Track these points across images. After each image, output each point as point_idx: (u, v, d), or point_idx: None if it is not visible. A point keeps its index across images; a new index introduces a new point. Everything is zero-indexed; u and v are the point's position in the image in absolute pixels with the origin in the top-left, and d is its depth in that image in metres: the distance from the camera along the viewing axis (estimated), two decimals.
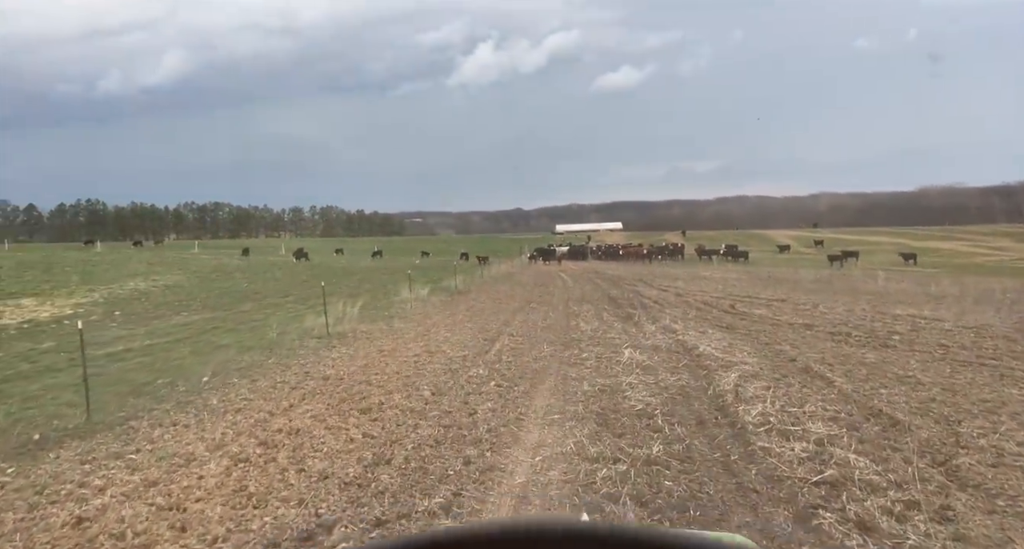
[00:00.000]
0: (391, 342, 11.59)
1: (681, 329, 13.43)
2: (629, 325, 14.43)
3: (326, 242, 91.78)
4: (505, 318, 15.48)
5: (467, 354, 10.10)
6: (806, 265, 47.26)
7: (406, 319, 15.30)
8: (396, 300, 18.92)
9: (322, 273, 31.50)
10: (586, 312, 16.85)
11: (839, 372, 8.81)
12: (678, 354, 10.48)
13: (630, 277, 32.47)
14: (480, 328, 13.42)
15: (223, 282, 25.51)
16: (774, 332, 13.19)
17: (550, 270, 41.70)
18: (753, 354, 10.43)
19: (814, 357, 10.07)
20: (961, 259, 53.47)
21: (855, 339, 12.04)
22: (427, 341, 11.58)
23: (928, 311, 16.63)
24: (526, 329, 13.34)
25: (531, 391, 7.58)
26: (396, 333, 12.83)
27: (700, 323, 14.76)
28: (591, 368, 9.03)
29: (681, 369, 9.13)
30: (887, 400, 7.03)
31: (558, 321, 15.01)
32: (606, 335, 12.58)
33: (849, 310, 17.57)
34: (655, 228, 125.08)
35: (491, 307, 18.13)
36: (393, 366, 9.17)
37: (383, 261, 46.60)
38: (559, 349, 10.78)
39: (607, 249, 58.78)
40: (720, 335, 12.70)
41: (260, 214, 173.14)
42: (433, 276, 30.71)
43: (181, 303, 18.09)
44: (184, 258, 41.62)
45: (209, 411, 6.69)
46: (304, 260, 41.02)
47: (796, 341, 11.93)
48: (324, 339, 11.87)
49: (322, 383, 8.02)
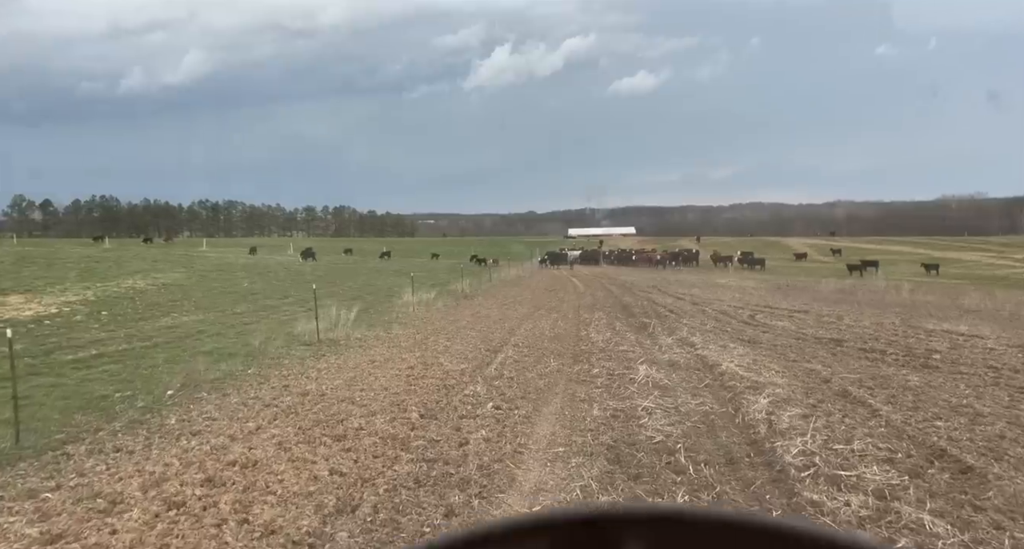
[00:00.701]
0: (385, 351, 10.72)
1: (700, 342, 12.45)
2: (643, 336, 13.46)
3: (337, 242, 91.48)
4: (511, 326, 14.57)
5: (466, 367, 9.19)
6: (825, 274, 45.86)
7: (406, 325, 14.44)
8: (399, 304, 18.08)
9: (327, 274, 30.80)
10: (598, 321, 15.89)
11: (882, 397, 7.80)
12: (699, 372, 9.51)
13: (644, 283, 31.43)
14: (483, 337, 12.51)
15: (224, 281, 24.83)
16: (801, 347, 12.16)
17: (561, 275, 40.76)
18: (781, 373, 9.43)
19: (850, 378, 9.06)
20: (984, 270, 51.73)
21: (891, 357, 10.99)
22: (424, 351, 10.70)
23: (964, 327, 15.48)
24: (532, 339, 12.42)
25: (533, 415, 6.65)
26: (393, 341, 11.96)
27: (719, 335, 13.75)
28: (602, 387, 8.09)
29: (703, 390, 8.16)
30: (947, 436, 6.02)
31: (567, 330, 14.07)
32: (618, 347, 11.62)
33: (878, 323, 16.47)
34: (669, 233, 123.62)
35: (498, 313, 17.23)
36: (382, 380, 8.28)
37: (391, 262, 45.87)
38: (567, 363, 9.85)
39: (620, 254, 57.69)
40: (742, 350, 11.70)
41: (273, 213, 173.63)
42: (440, 278, 29.89)
43: (174, 303, 17.38)
44: (191, 256, 41.17)
45: (162, 434, 5.84)
46: (311, 260, 40.38)
47: (827, 359, 10.90)
48: (313, 347, 11.03)
49: (299, 400, 7.15)
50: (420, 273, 36.41)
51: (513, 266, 44.33)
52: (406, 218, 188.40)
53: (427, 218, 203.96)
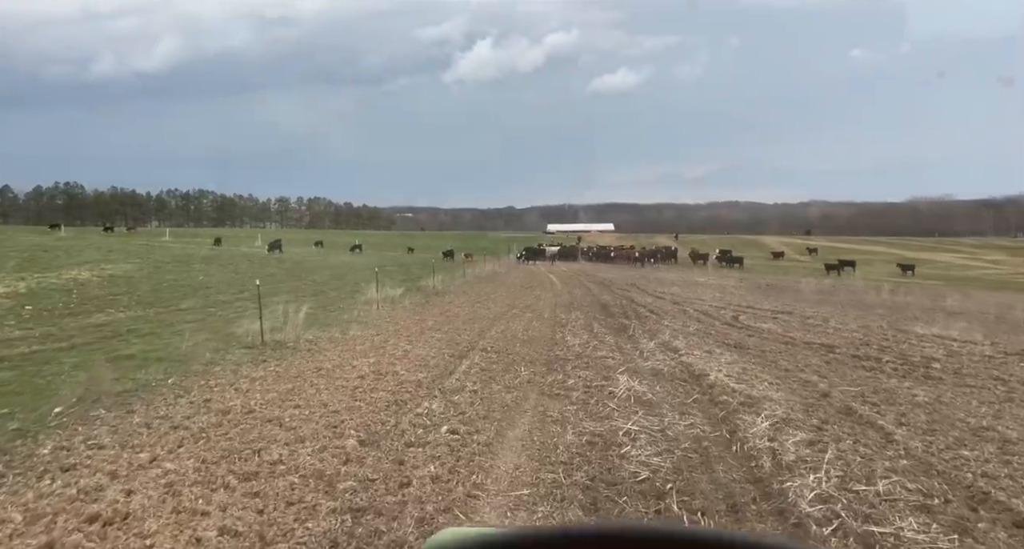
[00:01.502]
0: (336, 356, 9.54)
1: (683, 347, 11.52)
2: (623, 340, 12.49)
3: (310, 234, 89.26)
4: (482, 327, 13.48)
5: (424, 377, 8.08)
6: (803, 274, 45.66)
7: (366, 325, 13.25)
8: (361, 301, 16.84)
9: (291, 267, 29.33)
10: (575, 322, 14.89)
11: (891, 417, 6.91)
12: (685, 383, 8.54)
13: (622, 281, 30.59)
14: (450, 340, 11.40)
15: (178, 273, 23.27)
16: (791, 354, 11.31)
17: (539, 271, 39.78)
18: (775, 385, 8.52)
19: (851, 392, 8.18)
20: (958, 271, 52.20)
21: (889, 367, 10.18)
22: (381, 356, 9.55)
23: (955, 332, 14.84)
24: (504, 342, 11.35)
25: (496, 442, 5.58)
26: (348, 344, 10.78)
27: (704, 339, 12.86)
28: (578, 403, 7.06)
29: (692, 407, 7.18)
30: (981, 471, 5.11)
31: (542, 332, 13.04)
32: (596, 353, 10.62)
33: (865, 327, 15.79)
34: (647, 231, 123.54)
35: (468, 312, 16.12)
36: (324, 394, 7.13)
37: (362, 256, 44.36)
38: (540, 372, 8.80)
39: (599, 251, 56.94)
40: (730, 356, 10.79)
41: (245, 203, 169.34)
42: (413, 273, 28.66)
43: (115, 297, 15.91)
44: (151, 246, 39.21)
45: (23, 469, 4.63)
46: (277, 252, 38.72)
47: (821, 368, 10.04)
48: (255, 350, 9.80)
49: (216, 421, 5.97)
50: (392, 267, 35.07)
51: (490, 262, 43.21)
52: (383, 211, 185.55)
53: (405, 211, 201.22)
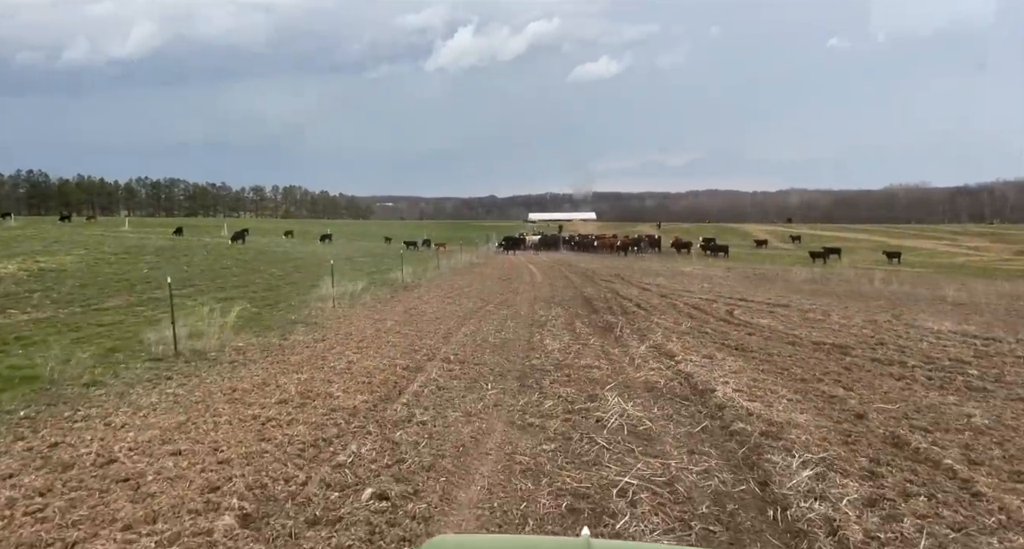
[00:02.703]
0: (262, 371, 7.80)
1: (679, 351, 9.97)
2: (610, 342, 10.90)
3: (284, 223, 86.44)
4: (449, 327, 11.80)
5: (364, 402, 6.39)
6: (789, 262, 44.63)
7: (314, 327, 11.49)
8: (315, 297, 15.02)
9: (252, 258, 27.27)
10: (555, 320, 13.28)
11: (956, 452, 5.39)
12: (688, 403, 6.97)
13: (606, 271, 29.06)
14: (408, 346, 9.70)
15: (122, 266, 21.16)
16: (802, 358, 9.82)
17: (518, 261, 38.12)
18: (797, 403, 6.99)
19: (889, 411, 6.69)
20: (942, 258, 51.65)
21: (921, 374, 8.72)
22: (317, 371, 7.82)
23: (972, 327, 13.55)
24: (472, 348, 9.69)
25: (439, 516, 3.92)
26: (283, 353, 9.03)
27: (700, 339, 11.33)
28: (557, 438, 5.43)
29: (702, 441, 5.60)
30: None
31: (517, 334, 11.40)
32: (580, 361, 9.01)
33: (871, 321, 14.42)
34: (629, 219, 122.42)
35: (436, 309, 14.41)
36: (223, 430, 5.41)
37: (332, 246, 42.24)
38: (511, 390, 7.16)
39: (581, 240, 55.41)
40: (734, 362, 9.27)
41: (218, 192, 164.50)
42: (384, 265, 26.81)
43: (28, 296, 13.91)
44: (105, 236, 36.67)
45: None
46: (240, 243, 36.49)
47: (842, 376, 8.55)
48: (164, 363, 8.00)
49: (45, 482, 4.23)
50: (362, 258, 33.15)
51: (468, 251, 41.42)
52: (361, 200, 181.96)
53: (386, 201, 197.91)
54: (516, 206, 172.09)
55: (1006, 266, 44.38)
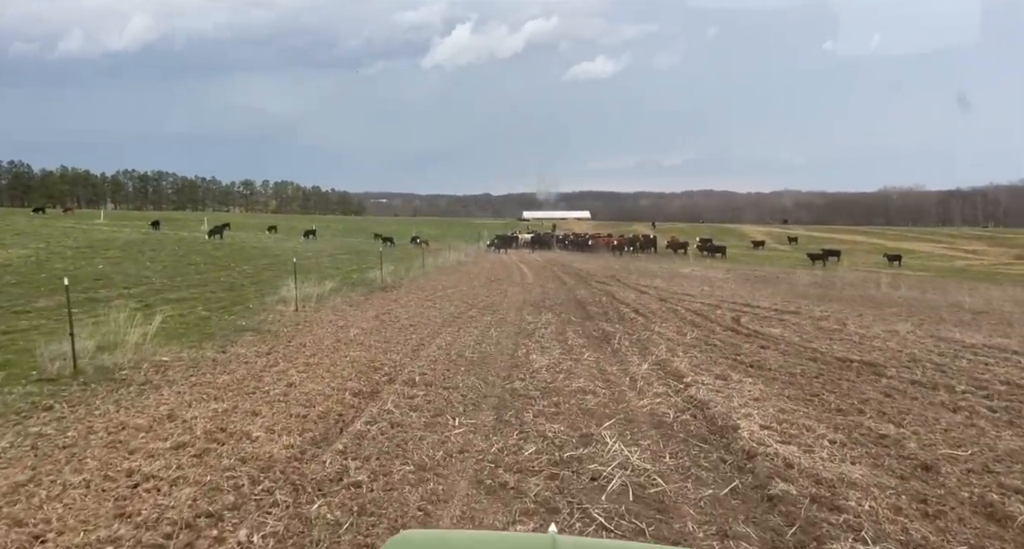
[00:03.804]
0: (173, 398, 6.28)
1: (687, 370, 8.53)
2: (606, 357, 9.45)
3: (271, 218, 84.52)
4: (422, 337, 10.31)
5: (286, 447, 4.90)
6: (786, 264, 43.40)
7: (265, 336, 9.96)
8: (278, 298, 13.46)
9: (225, 255, 25.64)
10: (544, 328, 11.82)
11: None
12: (707, 447, 5.52)
13: (601, 273, 27.63)
14: (368, 362, 8.20)
15: (76, 262, 19.53)
16: (830, 379, 8.40)
17: (509, 261, 36.61)
18: (845, 448, 5.56)
19: (964, 461, 5.28)
20: (943, 262, 50.61)
21: (978, 404, 7.32)
22: (244, 397, 6.31)
23: (1005, 340, 12.21)
24: (443, 366, 8.20)
25: None
26: (212, 371, 7.50)
27: (709, 354, 9.90)
28: (538, 511, 3.96)
29: (734, 512, 4.14)
30: None
31: (500, 346, 9.92)
32: (571, 383, 7.55)
33: (893, 332, 13.05)
34: (623, 219, 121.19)
35: (412, 314, 12.90)
36: (67, 499, 3.90)
37: (315, 243, 40.56)
38: (483, 427, 5.69)
39: (575, 239, 53.95)
40: (752, 386, 7.84)
41: (207, 186, 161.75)
42: (366, 263, 25.24)
43: None
44: (75, 229, 34.91)
45: None
46: (218, 237, 34.78)
47: (884, 405, 7.14)
48: (52, 385, 6.46)
49: None
50: (344, 255, 31.54)
51: (457, 250, 39.89)
52: (354, 196, 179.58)
53: (380, 197, 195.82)
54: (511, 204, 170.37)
55: (1008, 270, 43.34)
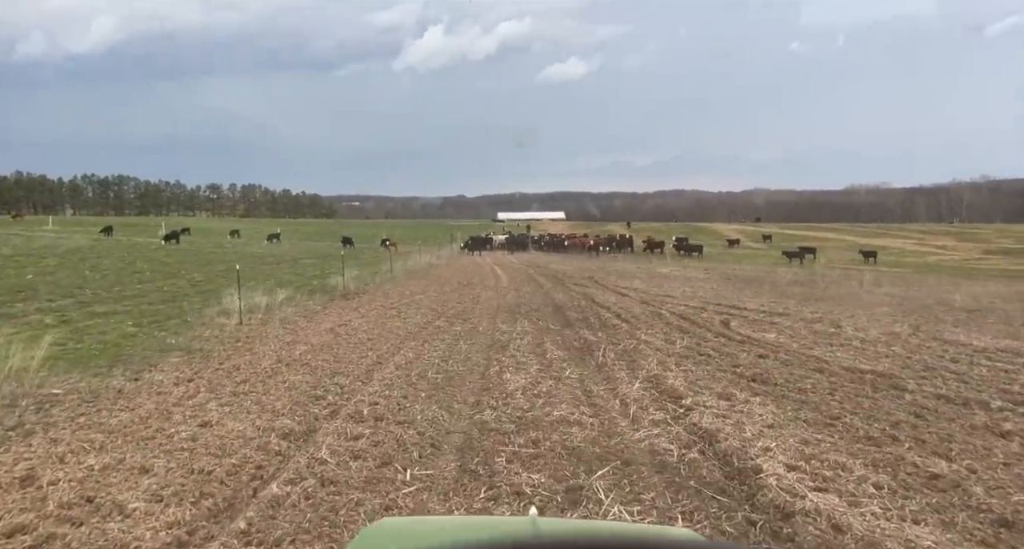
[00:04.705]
0: (43, 449, 4.88)
1: (684, 388, 7.39)
2: (591, 373, 8.25)
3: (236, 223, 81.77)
4: (380, 354, 8.99)
5: (165, 527, 3.57)
6: (763, 262, 43.00)
7: (193, 357, 8.53)
8: (220, 310, 11.98)
9: (177, 261, 23.85)
10: (520, 339, 10.59)
11: None
12: (724, 498, 4.35)
13: (578, 274, 26.54)
14: (310, 389, 6.86)
15: (2, 272, 17.66)
16: (848, 396, 7.33)
17: (483, 263, 35.34)
18: (894, 494, 4.44)
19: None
20: (916, 258, 50.90)
21: (1014, 422, 6.31)
22: (137, 446, 4.94)
23: (1017, 342, 11.39)
24: (399, 393, 6.90)
25: None
26: (111, 406, 6.08)
27: (705, 366, 8.79)
28: None
29: None
30: None
31: (469, 363, 8.66)
32: (552, 411, 6.32)
33: (890, 334, 12.18)
34: (597, 219, 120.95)
35: (372, 326, 11.56)
36: None
37: (278, 247, 38.72)
38: (441, 483, 4.42)
39: (551, 239, 52.91)
40: (762, 407, 6.72)
41: (171, 190, 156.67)
42: (328, 268, 23.70)
43: None
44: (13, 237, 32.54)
45: None
46: (174, 243, 32.78)
47: (919, 429, 6.07)
48: None
49: None
50: (309, 260, 29.87)
51: (430, 252, 38.45)
52: (325, 199, 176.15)
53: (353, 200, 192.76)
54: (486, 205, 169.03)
55: (981, 265, 43.66)
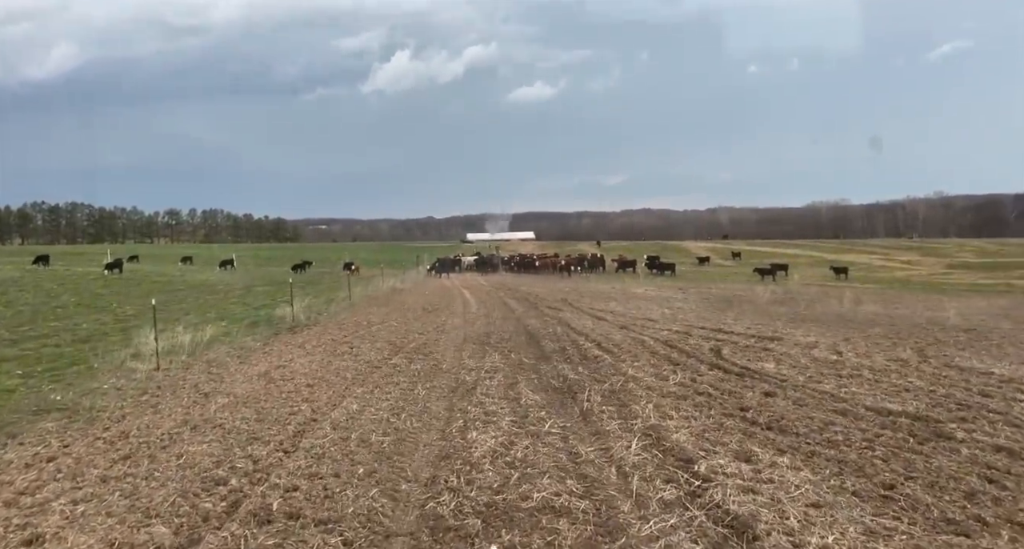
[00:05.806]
0: None
1: (691, 444, 5.94)
2: (575, 426, 6.74)
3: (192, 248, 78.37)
4: (317, 406, 7.33)
5: None
6: (735, 279, 42.38)
7: (75, 421, 6.74)
8: (133, 353, 10.12)
9: (112, 292, 21.62)
10: (489, 379, 9.04)
11: None
12: None
13: (551, 296, 25.13)
14: (210, 468, 5.18)
15: None
16: (892, 451, 5.98)
17: (452, 286, 33.71)
18: None
19: None
20: (884, 273, 51.10)
21: None
22: None
23: None
24: (332, 468, 5.26)
25: None
26: None
27: (707, 411, 7.37)
28: None
29: None
30: None
31: (428, 416, 7.06)
32: (533, 491, 4.79)
33: (897, 361, 11.03)
34: (567, 238, 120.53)
35: (316, 368, 9.85)
36: None
37: (231, 274, 36.42)
38: None
39: (521, 260, 51.59)
40: (794, 473, 5.31)
41: (127, 217, 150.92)
42: (280, 296, 21.76)
43: None
44: None
45: None
46: (117, 272, 30.30)
47: (1005, 502, 4.73)
48: None
49: None
50: (263, 287, 27.82)
51: (395, 275, 36.67)
52: (289, 223, 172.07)
53: (320, 223, 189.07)
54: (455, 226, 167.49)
55: (947, 280, 43.82)
